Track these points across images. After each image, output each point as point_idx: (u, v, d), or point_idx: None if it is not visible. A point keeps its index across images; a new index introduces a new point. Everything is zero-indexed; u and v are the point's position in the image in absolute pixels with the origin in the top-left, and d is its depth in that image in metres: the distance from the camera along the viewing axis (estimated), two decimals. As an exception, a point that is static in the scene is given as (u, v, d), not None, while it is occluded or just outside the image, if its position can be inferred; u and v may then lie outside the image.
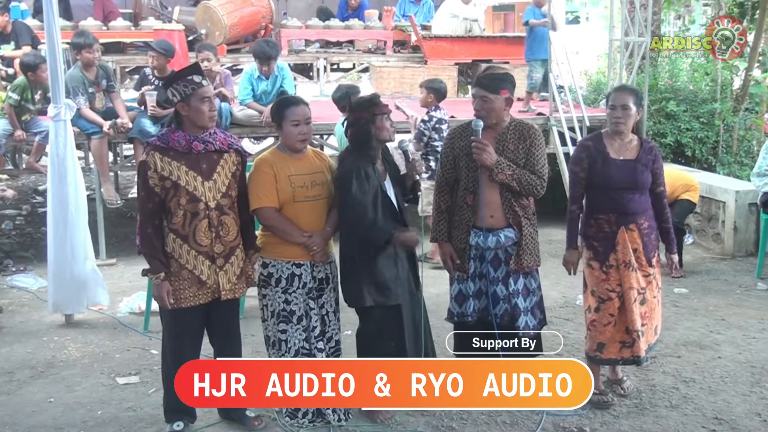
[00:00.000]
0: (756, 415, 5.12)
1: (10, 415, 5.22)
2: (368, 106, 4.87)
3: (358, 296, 4.85)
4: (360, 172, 4.71)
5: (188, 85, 4.53)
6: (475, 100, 5.00)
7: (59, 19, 6.64)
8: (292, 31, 12.62)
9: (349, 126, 4.92)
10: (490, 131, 4.96)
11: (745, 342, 6.33)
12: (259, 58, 8.55)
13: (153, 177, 4.51)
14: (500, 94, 4.92)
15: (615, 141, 5.17)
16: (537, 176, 4.94)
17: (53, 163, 6.57)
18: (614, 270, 5.12)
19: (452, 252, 5.10)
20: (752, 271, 8.08)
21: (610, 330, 5.16)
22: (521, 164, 4.94)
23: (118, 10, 12.65)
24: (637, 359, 5.21)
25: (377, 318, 4.91)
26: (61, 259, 6.55)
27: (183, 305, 4.61)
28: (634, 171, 5.12)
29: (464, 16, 12.40)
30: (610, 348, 5.19)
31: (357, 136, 4.85)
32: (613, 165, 5.11)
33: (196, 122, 4.57)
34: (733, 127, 10.74)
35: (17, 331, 6.68)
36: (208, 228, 4.58)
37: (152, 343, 6.13)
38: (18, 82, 8.32)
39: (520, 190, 4.93)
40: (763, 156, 7.94)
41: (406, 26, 12.81)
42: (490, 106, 4.92)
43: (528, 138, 4.99)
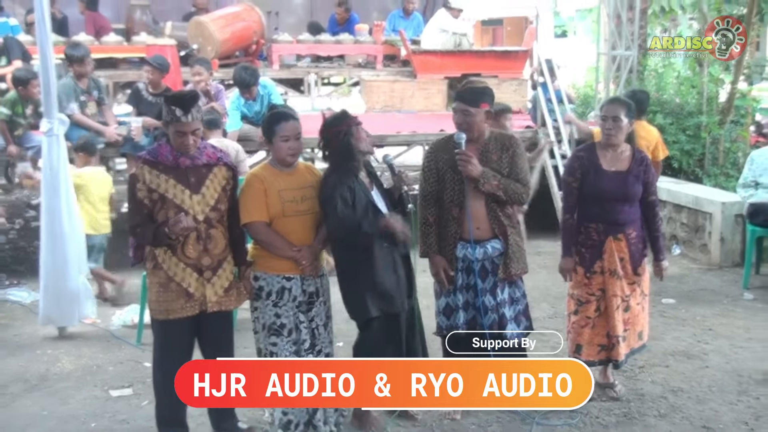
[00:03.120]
0: (743, 424, 5.14)
1: (4, 427, 5.21)
2: (343, 119, 4.87)
3: (363, 309, 4.83)
4: (344, 190, 4.70)
5: (169, 113, 4.53)
6: (456, 114, 5.02)
7: (52, 35, 6.65)
8: (283, 46, 12.63)
9: (326, 144, 4.91)
10: (472, 143, 4.98)
11: (732, 351, 6.35)
12: (239, 87, 8.56)
13: (141, 189, 4.53)
14: (480, 107, 4.94)
15: (608, 152, 5.21)
16: (521, 184, 4.98)
17: (46, 177, 6.56)
18: (597, 276, 5.18)
19: (445, 265, 5.09)
20: (739, 282, 8.11)
21: (587, 332, 5.22)
22: (505, 174, 4.96)
23: (110, 25, 12.63)
24: (615, 362, 5.26)
25: (377, 327, 4.90)
26: (53, 273, 6.54)
27: (171, 317, 4.61)
28: (626, 183, 5.16)
29: (453, 31, 12.44)
30: (588, 350, 5.24)
31: (338, 150, 4.83)
32: (605, 176, 5.15)
33: (173, 146, 4.60)
34: (719, 139, 10.79)
35: (11, 345, 6.67)
36: (196, 241, 4.59)
37: (145, 356, 6.11)
38: (9, 97, 8.32)
39: (507, 199, 4.96)
40: (748, 167, 7.99)
41: (396, 41, 12.83)
42: (471, 120, 4.95)
43: (510, 148, 5.02)
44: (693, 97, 11.01)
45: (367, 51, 12.97)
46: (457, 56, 12.18)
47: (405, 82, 12.01)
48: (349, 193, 4.71)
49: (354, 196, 4.72)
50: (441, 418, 5.18)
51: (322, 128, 4.92)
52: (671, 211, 9.50)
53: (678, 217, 9.41)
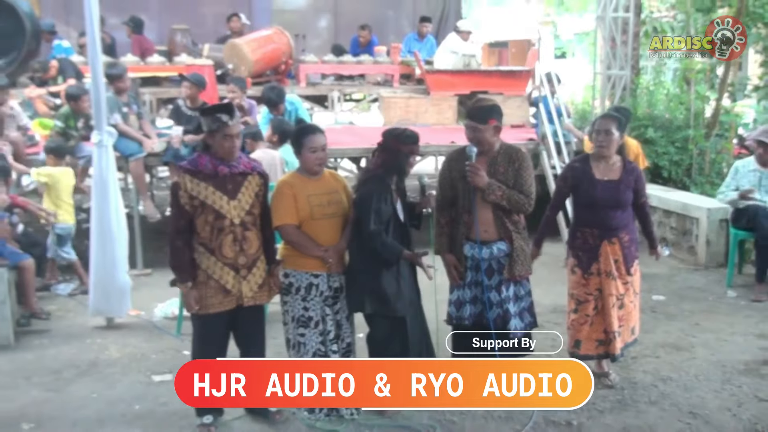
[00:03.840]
0: (727, 410, 5.12)
1: (58, 409, 5.25)
2: (410, 142, 4.88)
3: (359, 303, 4.86)
4: (381, 196, 4.74)
5: (216, 121, 4.56)
6: (467, 130, 5.04)
7: (102, 56, 6.69)
8: (309, 66, 12.66)
9: (383, 151, 4.91)
10: (482, 156, 4.99)
11: (717, 344, 6.32)
12: (268, 105, 8.55)
13: (183, 196, 4.55)
14: (489, 124, 4.95)
15: (600, 163, 5.21)
16: (525, 195, 4.96)
17: (96, 184, 6.59)
18: (594, 277, 5.17)
19: (455, 262, 5.11)
20: (723, 281, 8.06)
21: (586, 329, 5.21)
22: (510, 185, 4.96)
23: (153, 47, 12.70)
24: (612, 356, 5.26)
25: (381, 326, 4.92)
26: (103, 269, 6.56)
27: (210, 311, 4.63)
28: (617, 191, 5.15)
29: (463, 52, 12.44)
30: (587, 345, 5.23)
31: (390, 164, 4.86)
32: (598, 185, 5.15)
33: (218, 154, 4.61)
34: (705, 151, 10.74)
35: (64, 334, 6.70)
36: (233, 242, 4.60)
37: (184, 345, 6.13)
38: (63, 112, 8.40)
39: (510, 208, 4.96)
40: (732, 176, 7.95)
41: (411, 61, 12.84)
42: (480, 135, 4.96)
43: (516, 161, 5.01)
44: (681, 113, 10.96)
45: (385, 70, 12.98)
46: (466, 75, 12.17)
47: (419, 98, 12.00)
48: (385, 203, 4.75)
49: (385, 207, 4.77)
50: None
51: (389, 136, 4.91)
52: (661, 216, 9.45)
53: (667, 222, 9.36)
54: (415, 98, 12.03)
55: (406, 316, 4.87)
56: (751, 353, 6.11)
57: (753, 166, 7.82)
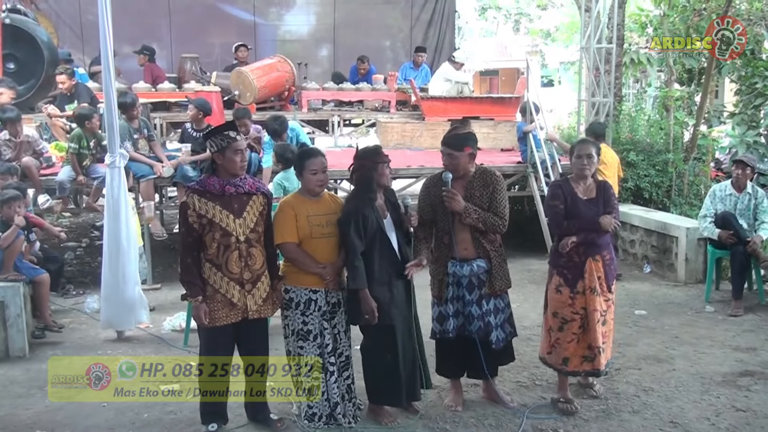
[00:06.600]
0: (705, 419, 5.09)
1: (69, 417, 5.22)
2: (372, 155, 4.90)
3: (358, 316, 4.84)
4: (358, 216, 4.72)
5: (224, 138, 4.58)
6: (443, 157, 5.07)
7: (115, 82, 6.71)
8: (311, 93, 12.71)
9: (354, 171, 4.94)
10: (459, 180, 5.03)
11: (696, 356, 6.30)
12: (272, 136, 8.48)
13: (192, 215, 4.54)
14: (464, 151, 4.99)
15: (580, 184, 5.23)
16: (499, 217, 4.98)
17: (109, 203, 6.60)
18: (580, 296, 5.13)
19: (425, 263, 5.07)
20: (701, 296, 8.04)
21: (573, 346, 5.17)
22: (485, 207, 4.98)
23: (164, 75, 12.76)
24: (596, 371, 5.22)
25: (373, 335, 4.91)
26: (113, 284, 6.55)
27: (217, 324, 4.61)
28: (597, 207, 5.17)
29: (456, 80, 12.50)
30: (574, 361, 5.19)
31: (361, 180, 4.87)
32: (581, 203, 5.17)
33: (228, 170, 4.61)
34: (684, 173, 10.78)
35: (76, 345, 6.69)
36: (238, 258, 4.60)
37: (191, 357, 6.11)
38: (74, 134, 8.39)
39: (486, 229, 4.98)
40: (710, 200, 7.97)
41: (407, 88, 12.89)
42: (456, 162, 5.00)
43: (491, 184, 5.03)
44: (661, 138, 11.01)
45: (383, 97, 13.04)
46: (459, 102, 12.21)
47: (415, 123, 12.04)
48: (363, 221, 4.73)
49: (366, 223, 4.75)
50: (444, 411, 5.15)
51: (354, 157, 4.94)
52: (642, 235, 9.46)
53: (648, 240, 9.37)
54: (410, 123, 12.08)
55: (395, 326, 4.84)
56: (729, 365, 6.09)
57: (729, 190, 7.84)
